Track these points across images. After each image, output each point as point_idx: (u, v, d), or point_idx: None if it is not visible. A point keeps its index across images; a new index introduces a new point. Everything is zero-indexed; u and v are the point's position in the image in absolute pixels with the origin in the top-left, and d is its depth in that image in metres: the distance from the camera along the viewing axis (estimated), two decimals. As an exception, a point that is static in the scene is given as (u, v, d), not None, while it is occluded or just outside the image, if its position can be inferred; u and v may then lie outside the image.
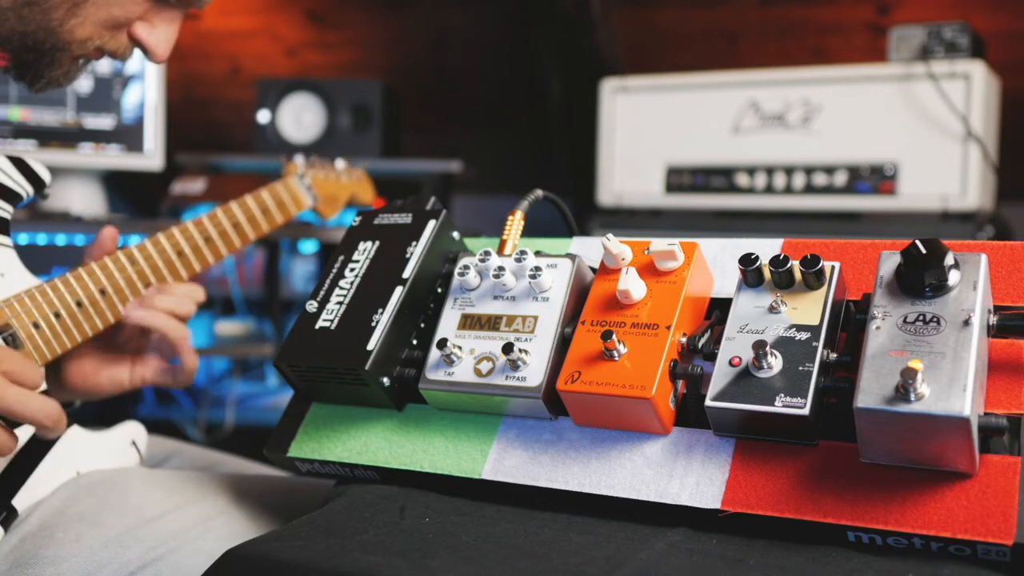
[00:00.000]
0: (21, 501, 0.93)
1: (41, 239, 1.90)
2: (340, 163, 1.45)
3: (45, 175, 1.06)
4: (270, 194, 1.28)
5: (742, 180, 2.24)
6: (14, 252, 1.02)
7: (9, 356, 0.82)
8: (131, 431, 1.07)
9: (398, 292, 0.87)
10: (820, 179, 2.16)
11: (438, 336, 0.85)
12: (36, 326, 0.98)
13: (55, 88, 0.99)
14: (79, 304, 1.02)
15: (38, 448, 0.96)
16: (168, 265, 1.11)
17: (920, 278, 0.68)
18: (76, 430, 1.00)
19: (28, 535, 0.90)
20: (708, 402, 0.71)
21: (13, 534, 0.91)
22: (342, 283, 0.91)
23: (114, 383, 1.07)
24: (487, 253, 0.87)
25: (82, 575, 0.87)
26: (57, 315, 1.00)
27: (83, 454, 1.00)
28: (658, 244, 0.80)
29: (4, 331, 0.96)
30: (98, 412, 2.58)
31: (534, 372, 0.79)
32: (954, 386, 0.62)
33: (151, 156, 2.09)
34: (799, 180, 2.18)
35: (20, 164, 1.03)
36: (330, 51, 3.51)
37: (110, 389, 1.07)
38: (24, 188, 1.03)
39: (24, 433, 0.96)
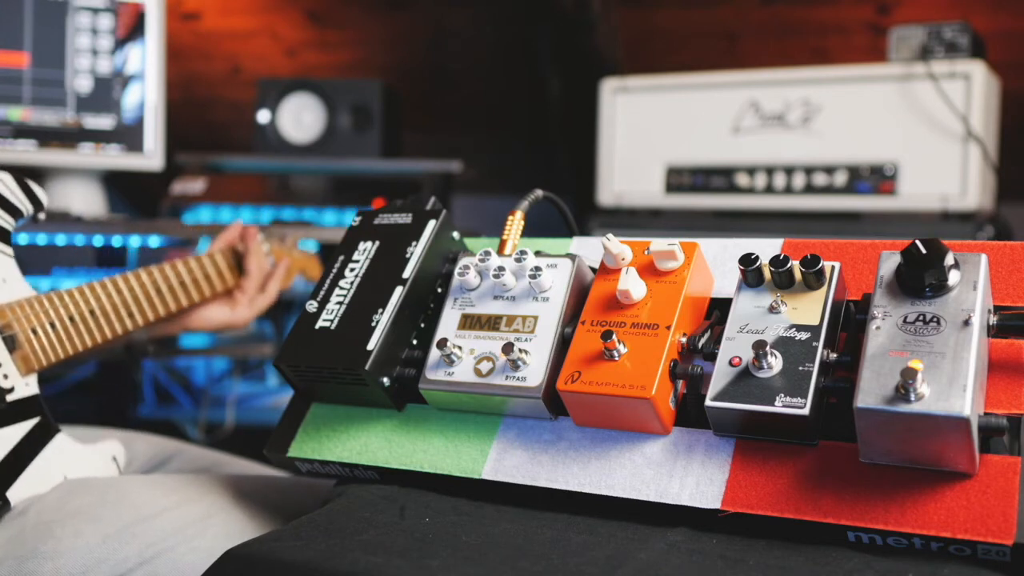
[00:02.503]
0: (14, 495, 0.94)
1: (41, 239, 1.90)
2: (289, 239, 1.53)
3: (44, 198, 1.13)
4: (235, 254, 1.39)
5: (742, 180, 2.24)
6: (14, 261, 1.08)
7: None
8: (112, 448, 1.11)
9: (398, 292, 0.87)
10: (820, 179, 2.16)
11: (438, 336, 0.85)
12: (34, 331, 1.03)
13: None
14: (71, 319, 1.08)
15: (31, 446, 0.98)
16: (147, 299, 1.20)
17: (920, 278, 0.68)
18: (63, 438, 1.03)
19: (26, 529, 0.90)
20: (708, 402, 0.71)
21: (10, 527, 0.91)
22: (342, 283, 0.91)
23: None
24: (487, 253, 0.87)
25: (80, 570, 0.87)
26: (52, 325, 1.06)
27: (70, 462, 1.03)
28: (658, 244, 0.80)
29: (5, 331, 1.00)
30: (97, 412, 2.58)
31: (534, 372, 0.79)
32: (954, 386, 0.62)
33: (151, 156, 2.09)
34: (799, 180, 2.18)
35: (22, 183, 1.10)
36: (330, 51, 3.51)
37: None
38: (25, 206, 1.10)
39: (19, 431, 0.97)
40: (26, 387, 1.00)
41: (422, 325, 0.89)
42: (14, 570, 0.87)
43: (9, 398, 0.98)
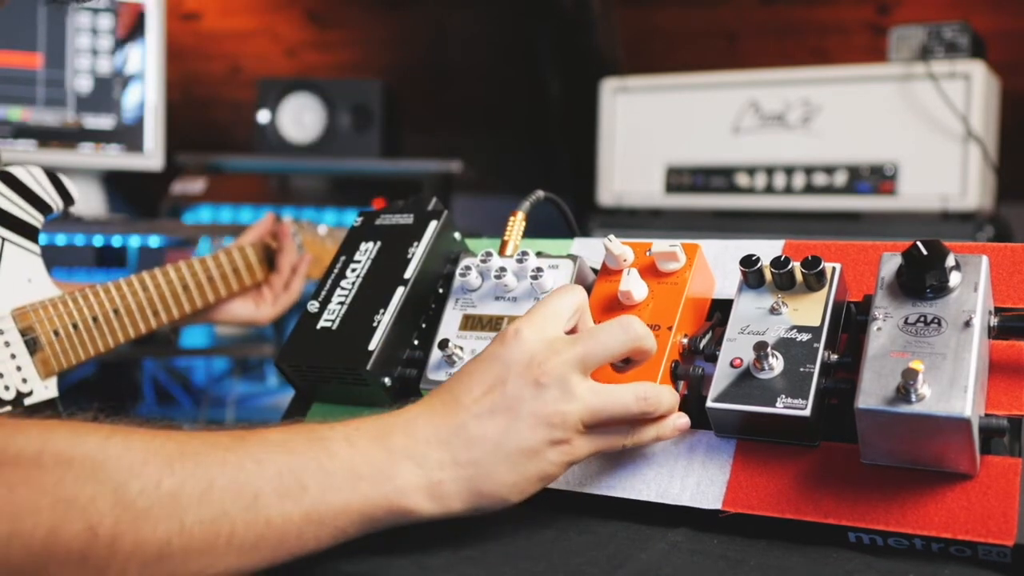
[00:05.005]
0: None
1: (41, 239, 1.90)
2: (323, 228, 1.52)
3: (75, 193, 1.12)
4: (266, 247, 1.38)
5: (742, 180, 2.24)
6: (40, 260, 1.06)
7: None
8: None
9: (399, 292, 0.87)
10: (820, 179, 2.16)
11: (439, 336, 0.85)
12: (56, 334, 1.03)
13: None
14: (95, 319, 1.07)
15: None
16: (174, 296, 1.19)
17: (921, 279, 0.68)
18: None
19: None
20: (709, 403, 0.71)
21: None
22: (343, 283, 0.91)
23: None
24: (488, 254, 0.87)
25: None
26: (75, 326, 1.05)
27: None
28: (660, 245, 0.80)
29: (27, 334, 0.99)
30: (97, 412, 2.57)
31: (535, 373, 0.79)
32: (955, 387, 0.63)
33: (151, 156, 2.09)
34: (799, 180, 2.18)
35: (54, 179, 1.09)
36: (330, 51, 3.50)
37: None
38: (55, 202, 1.09)
39: None
40: (45, 390, 1.00)
41: (423, 326, 0.89)
42: None
43: (27, 401, 0.98)
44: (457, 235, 0.94)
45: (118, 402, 2.70)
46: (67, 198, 1.09)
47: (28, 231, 1.05)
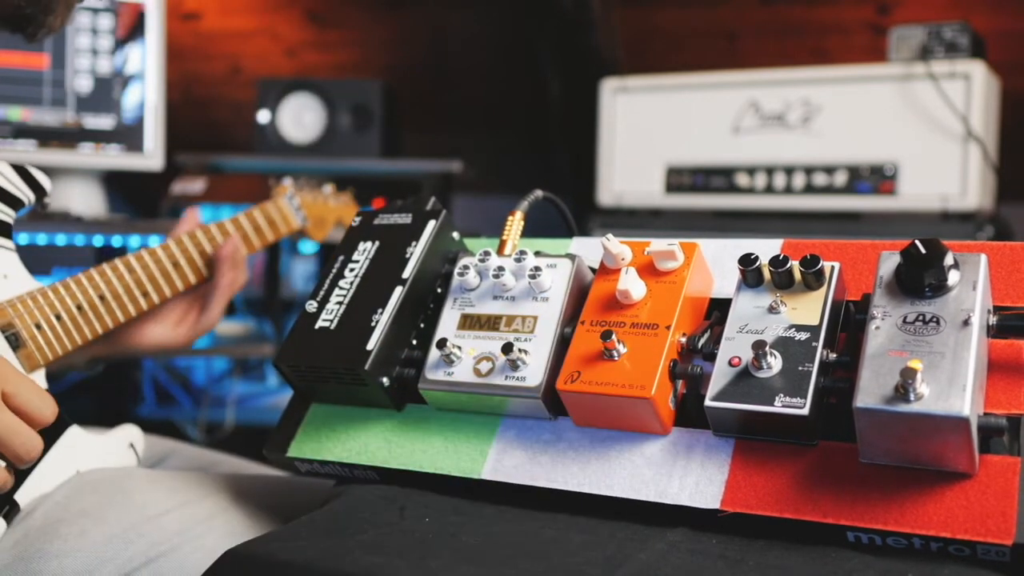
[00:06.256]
0: (23, 496, 0.94)
1: (41, 239, 1.90)
2: (327, 187, 1.49)
3: (46, 183, 1.08)
4: (261, 213, 1.32)
5: (742, 180, 2.24)
6: (16, 255, 1.04)
7: (26, 386, 0.88)
8: (129, 433, 1.08)
9: (398, 292, 0.87)
10: (820, 179, 2.16)
11: (438, 336, 0.85)
12: (38, 327, 1.00)
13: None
14: (79, 308, 1.05)
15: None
16: (164, 275, 1.15)
17: (920, 278, 0.68)
18: (76, 430, 1.01)
19: (32, 530, 0.90)
20: (708, 402, 0.71)
21: (16, 529, 0.91)
22: (342, 283, 0.91)
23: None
24: (487, 253, 0.87)
25: (85, 570, 0.87)
26: (58, 317, 1.02)
27: (83, 454, 1.01)
28: (658, 244, 0.80)
29: (7, 330, 0.98)
30: (96, 412, 2.58)
31: (533, 372, 0.79)
32: (953, 386, 0.62)
33: (151, 156, 2.09)
34: (799, 180, 2.18)
35: (22, 171, 1.06)
36: (330, 51, 3.51)
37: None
38: (26, 195, 1.06)
39: None
40: None
41: (422, 325, 0.89)
42: (20, 571, 0.87)
43: None
44: (455, 234, 0.94)
45: (118, 402, 2.71)
46: (38, 190, 1.06)
47: (0, 228, 1.03)
